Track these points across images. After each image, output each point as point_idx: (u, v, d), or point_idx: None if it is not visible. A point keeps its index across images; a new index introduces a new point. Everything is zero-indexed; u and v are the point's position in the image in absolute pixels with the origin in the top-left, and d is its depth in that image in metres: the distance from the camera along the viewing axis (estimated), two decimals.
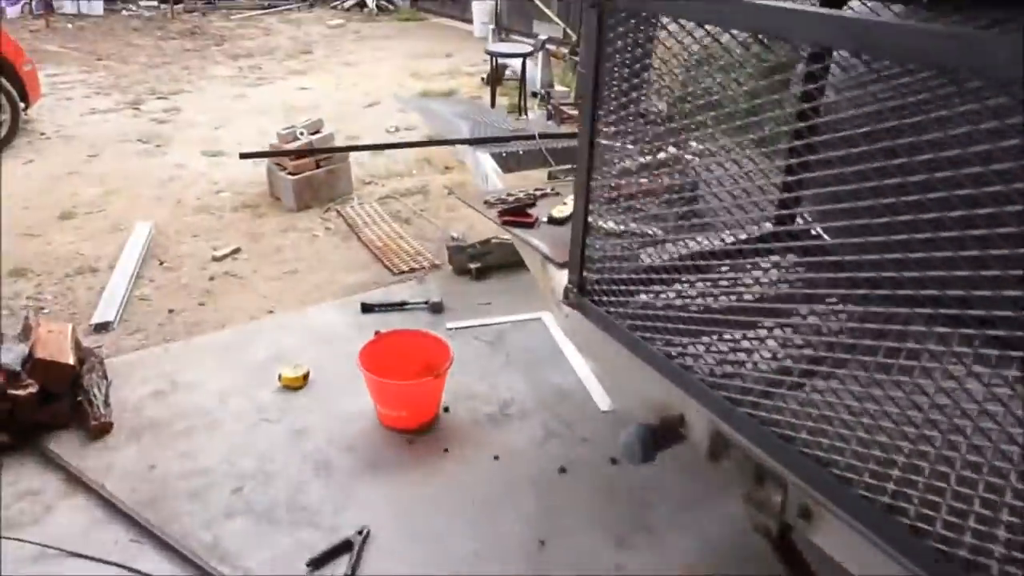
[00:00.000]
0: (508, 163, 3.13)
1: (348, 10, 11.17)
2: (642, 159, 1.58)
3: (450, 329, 3.06)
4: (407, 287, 3.42)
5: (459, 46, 9.40)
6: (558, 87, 7.03)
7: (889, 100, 1.09)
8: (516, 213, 2.23)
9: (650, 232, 1.61)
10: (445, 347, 2.49)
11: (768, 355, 1.37)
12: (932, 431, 1.04)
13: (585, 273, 1.71)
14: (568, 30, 8.97)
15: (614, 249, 1.64)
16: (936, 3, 1.67)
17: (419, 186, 4.97)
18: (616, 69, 1.49)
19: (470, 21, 10.26)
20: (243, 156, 3.10)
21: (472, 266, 3.46)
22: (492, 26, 7.64)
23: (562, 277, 1.94)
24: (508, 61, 7.14)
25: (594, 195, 1.61)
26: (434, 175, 5.17)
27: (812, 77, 1.49)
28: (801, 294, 1.49)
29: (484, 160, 3.04)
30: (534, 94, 6.23)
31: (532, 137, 3.26)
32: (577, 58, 8.35)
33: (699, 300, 1.51)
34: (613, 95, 1.53)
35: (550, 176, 3.37)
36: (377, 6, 11.14)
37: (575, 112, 6.02)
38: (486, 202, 2.39)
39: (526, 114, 5.74)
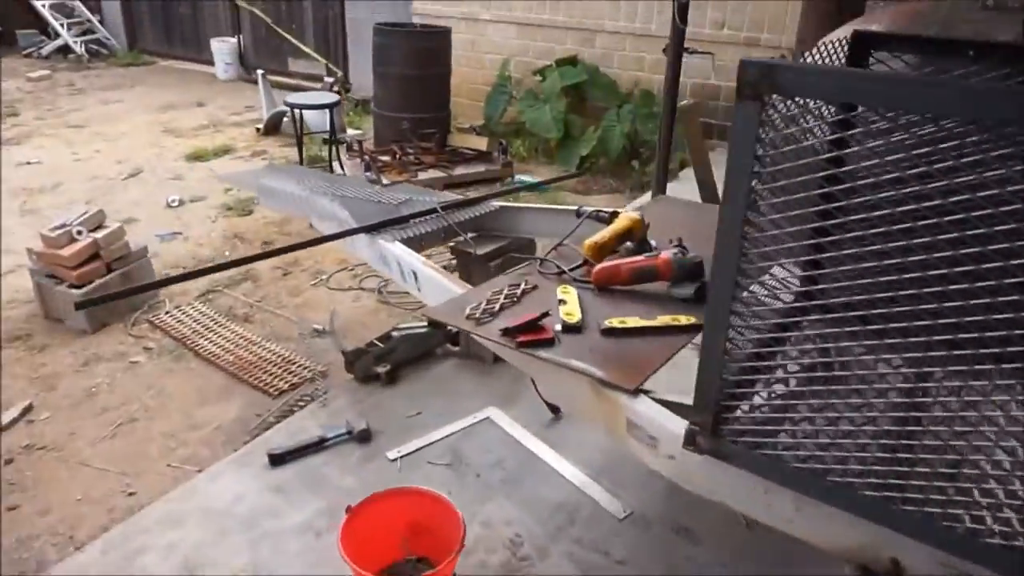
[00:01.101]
0: (412, 246, 2.63)
1: (48, 58, 9.28)
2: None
3: (394, 460, 2.49)
4: (309, 414, 2.74)
5: (207, 92, 8.29)
6: (349, 131, 6.48)
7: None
8: (528, 330, 1.80)
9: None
10: (441, 503, 1.96)
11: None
12: None
13: (722, 412, 1.37)
14: (330, 65, 8.38)
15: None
16: (981, 57, 1.62)
17: (242, 272, 4.14)
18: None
19: (210, 63, 9.13)
20: (80, 306, 2.17)
21: (379, 370, 2.88)
22: (260, 72, 6.77)
23: (645, 408, 1.58)
24: (286, 109, 6.41)
25: (737, 312, 1.28)
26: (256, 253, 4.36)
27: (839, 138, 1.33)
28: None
29: (395, 251, 2.50)
30: (329, 142, 5.59)
31: (434, 211, 2.78)
32: (351, 94, 7.80)
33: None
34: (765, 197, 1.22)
35: (453, 251, 2.92)
36: (87, 50, 9.41)
37: (386, 158, 5.55)
38: (469, 317, 1.91)
39: (343, 169, 5.13)
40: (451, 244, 2.95)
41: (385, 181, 5.00)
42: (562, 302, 1.97)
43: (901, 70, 1.67)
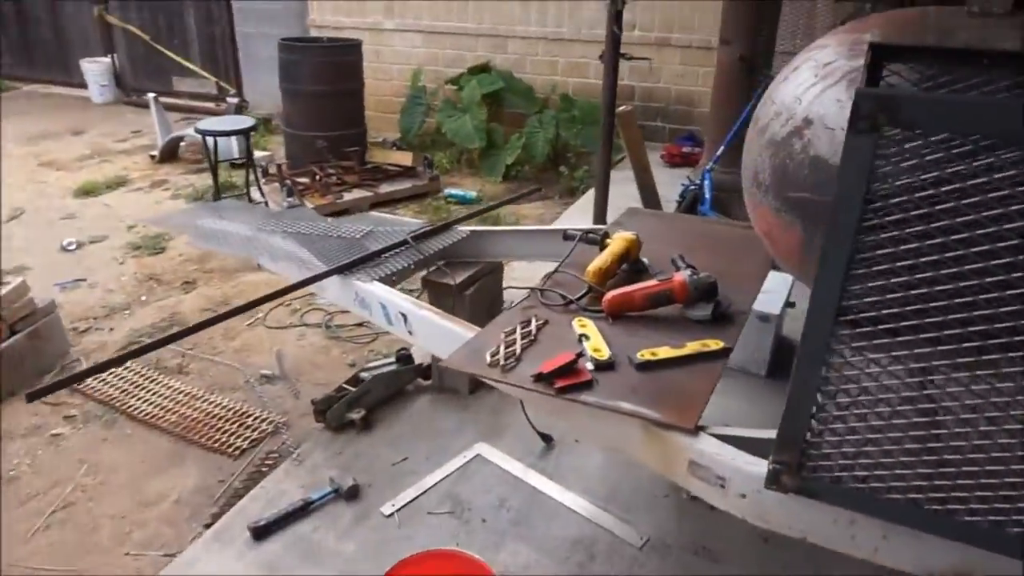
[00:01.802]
0: (386, 282, 2.43)
1: None
2: None
3: (390, 515, 2.29)
4: (284, 474, 2.48)
5: (83, 118, 7.58)
6: (257, 153, 6.07)
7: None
8: (565, 374, 1.67)
9: None
10: (473, 564, 1.80)
11: None
12: None
13: (809, 448, 1.30)
14: (222, 83, 7.87)
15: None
16: (995, 66, 1.63)
17: (166, 316, 3.76)
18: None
19: (81, 85, 8.36)
20: (32, 397, 1.80)
21: (354, 416, 2.67)
22: (152, 96, 6.21)
23: (709, 447, 1.49)
24: (184, 132, 5.97)
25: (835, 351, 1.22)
26: (178, 295, 3.97)
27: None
28: None
29: (377, 291, 2.30)
30: (246, 168, 5.22)
31: (405, 243, 2.59)
32: (250, 112, 7.34)
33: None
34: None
35: (425, 282, 2.73)
36: None
37: (305, 180, 5.23)
38: (492, 364, 1.76)
39: (263, 196, 4.77)
40: (422, 275, 2.76)
41: (309, 205, 4.71)
42: (584, 337, 1.85)
43: (913, 83, 1.66)
